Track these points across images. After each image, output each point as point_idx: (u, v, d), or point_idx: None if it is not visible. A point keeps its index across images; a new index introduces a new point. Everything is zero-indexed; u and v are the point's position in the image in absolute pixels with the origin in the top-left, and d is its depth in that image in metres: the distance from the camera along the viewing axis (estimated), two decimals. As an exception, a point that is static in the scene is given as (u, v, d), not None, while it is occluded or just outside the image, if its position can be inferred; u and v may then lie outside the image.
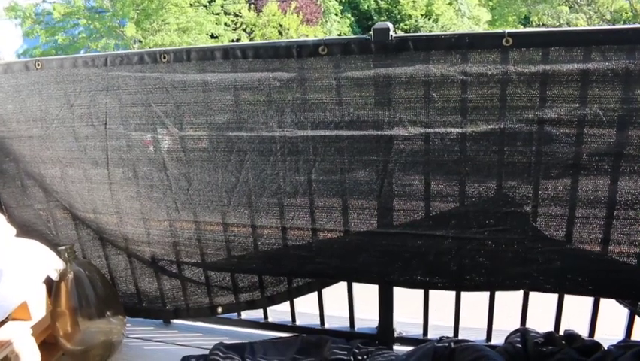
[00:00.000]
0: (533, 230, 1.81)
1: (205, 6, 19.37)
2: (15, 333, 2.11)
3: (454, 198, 1.86)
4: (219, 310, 2.46)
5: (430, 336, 2.34)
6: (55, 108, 2.23)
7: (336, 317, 2.50)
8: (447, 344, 2.09)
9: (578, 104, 1.63)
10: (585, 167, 1.69)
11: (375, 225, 1.98)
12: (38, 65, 2.20)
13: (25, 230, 2.53)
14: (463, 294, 2.22)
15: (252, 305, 2.43)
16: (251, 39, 20.26)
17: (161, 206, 2.24)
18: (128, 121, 2.15)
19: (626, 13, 19.60)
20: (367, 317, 2.42)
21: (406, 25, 24.91)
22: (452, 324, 2.30)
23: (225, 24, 20.22)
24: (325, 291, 2.40)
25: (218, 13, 19.73)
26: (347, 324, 2.45)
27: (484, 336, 2.28)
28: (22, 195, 2.52)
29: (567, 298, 2.10)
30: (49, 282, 2.28)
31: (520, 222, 1.81)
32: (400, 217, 1.94)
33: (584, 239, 1.77)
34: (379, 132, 1.85)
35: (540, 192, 1.76)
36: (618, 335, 2.10)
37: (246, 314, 2.61)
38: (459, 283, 2.02)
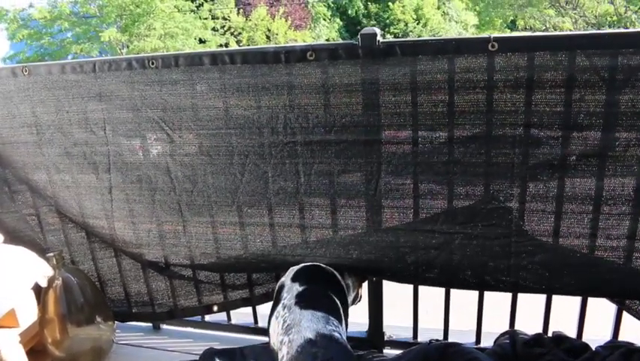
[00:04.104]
0: (518, 228, 1.83)
1: (193, 11, 19.33)
2: (3, 340, 2.09)
3: (442, 197, 1.88)
4: (215, 308, 2.47)
5: (420, 339, 2.35)
6: (49, 115, 2.22)
7: (327, 321, 2.49)
8: (437, 347, 2.10)
9: (562, 108, 1.65)
10: (569, 168, 1.71)
11: (368, 223, 2.01)
12: (26, 71, 2.19)
13: (13, 236, 2.51)
14: (453, 297, 2.23)
15: (247, 302, 2.44)
16: (238, 42, 20.25)
17: (163, 208, 2.23)
18: (126, 126, 2.14)
19: (611, 17, 19.81)
20: (357, 320, 2.42)
21: (395, 29, 25.04)
22: (442, 327, 2.31)
23: (213, 29, 20.19)
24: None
25: (206, 18, 19.71)
26: (337, 328, 2.44)
27: (473, 338, 2.29)
28: (10, 201, 2.50)
29: (555, 300, 2.12)
30: (37, 289, 2.27)
31: (505, 220, 1.84)
32: (391, 216, 1.97)
33: (568, 238, 1.80)
34: (370, 137, 1.86)
35: (525, 192, 1.78)
36: (605, 336, 2.12)
37: (236, 319, 2.61)
38: (448, 279, 2.04)
